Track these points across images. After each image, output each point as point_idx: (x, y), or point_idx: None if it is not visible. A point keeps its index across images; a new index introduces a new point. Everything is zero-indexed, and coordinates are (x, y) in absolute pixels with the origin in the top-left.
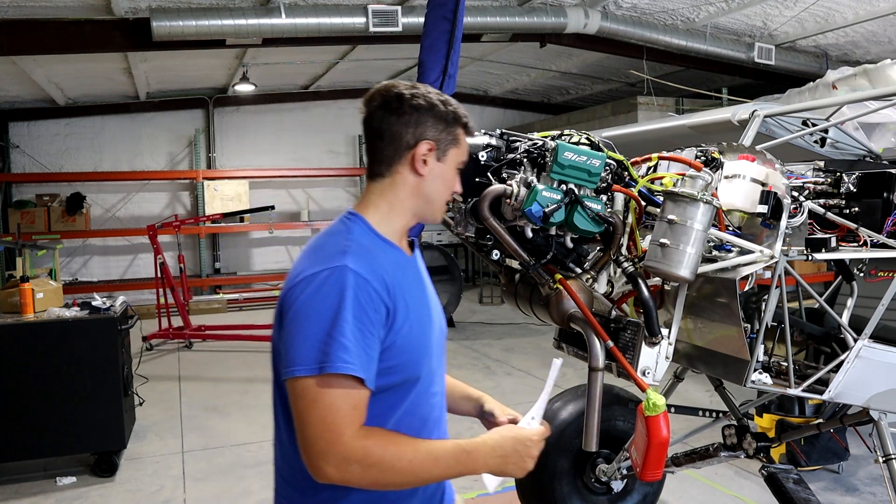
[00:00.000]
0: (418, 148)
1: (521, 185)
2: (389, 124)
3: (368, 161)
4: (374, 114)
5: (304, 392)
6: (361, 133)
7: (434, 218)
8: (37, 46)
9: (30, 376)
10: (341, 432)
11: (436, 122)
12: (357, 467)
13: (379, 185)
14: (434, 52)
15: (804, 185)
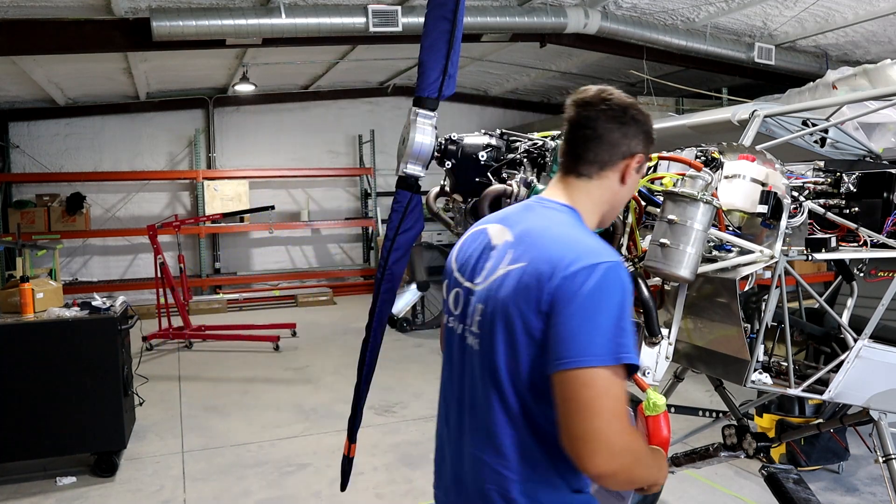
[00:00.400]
0: (633, 159)
1: (521, 184)
2: (610, 131)
3: (574, 158)
4: (594, 117)
5: (594, 381)
6: (361, 133)
7: (608, 223)
8: (37, 46)
9: (30, 376)
10: (624, 423)
11: (645, 137)
12: (628, 459)
13: (584, 184)
14: (434, 52)
15: (804, 185)
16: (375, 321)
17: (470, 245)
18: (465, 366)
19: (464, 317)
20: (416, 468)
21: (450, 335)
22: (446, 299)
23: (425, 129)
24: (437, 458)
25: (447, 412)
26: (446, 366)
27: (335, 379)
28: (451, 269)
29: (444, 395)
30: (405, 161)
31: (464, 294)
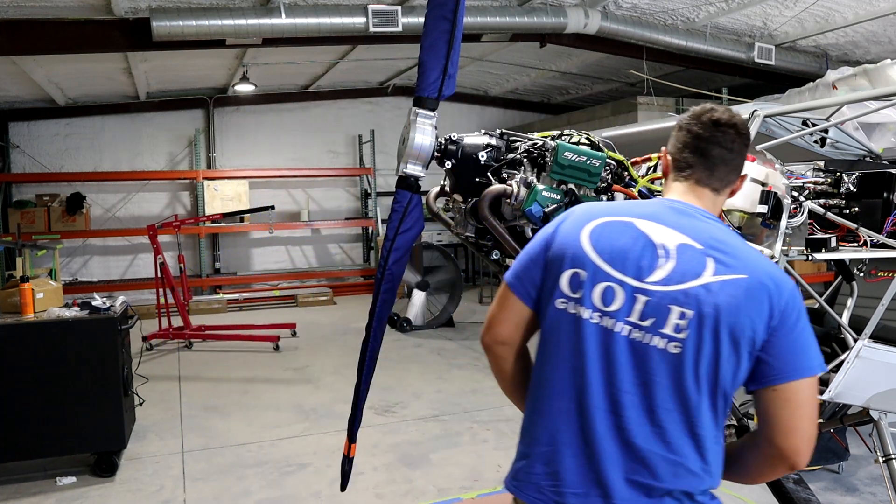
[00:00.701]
0: (741, 180)
1: (521, 185)
2: (741, 155)
3: (709, 173)
4: (731, 139)
5: (811, 389)
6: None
7: None
8: (37, 46)
9: (30, 376)
10: None
11: None
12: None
13: (714, 197)
14: (434, 52)
15: (804, 185)
16: (375, 321)
17: (618, 237)
18: (639, 368)
19: (626, 314)
20: (416, 468)
21: (587, 328)
22: (572, 288)
23: (425, 129)
24: (551, 459)
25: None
26: (573, 360)
27: (335, 379)
28: (585, 259)
29: (575, 392)
30: (405, 161)
31: (627, 291)
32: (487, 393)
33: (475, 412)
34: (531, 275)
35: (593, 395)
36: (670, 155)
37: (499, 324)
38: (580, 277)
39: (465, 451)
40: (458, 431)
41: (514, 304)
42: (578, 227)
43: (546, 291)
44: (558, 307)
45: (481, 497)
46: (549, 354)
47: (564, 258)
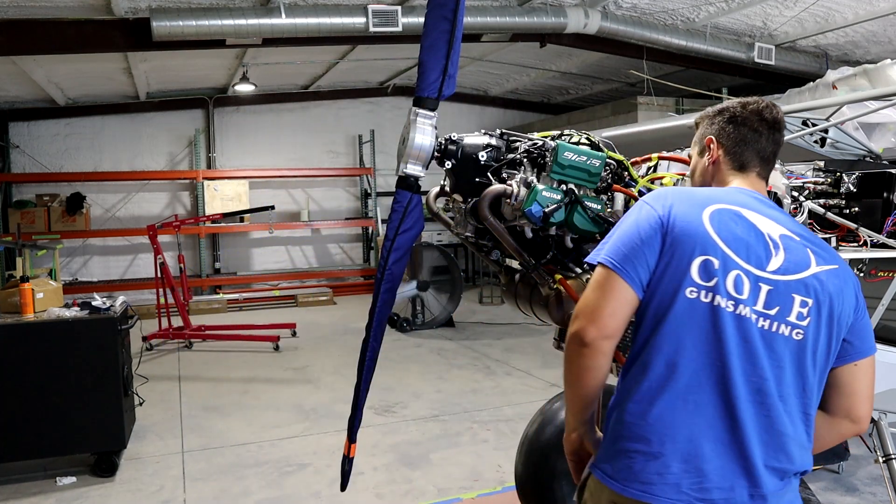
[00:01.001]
0: None
1: (521, 185)
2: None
3: (765, 167)
4: (782, 136)
5: (874, 363)
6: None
7: None
8: (37, 46)
9: (30, 376)
10: None
11: None
12: None
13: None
14: (434, 52)
15: (804, 185)
16: (375, 321)
17: (734, 226)
18: (769, 355)
19: (753, 302)
20: (416, 468)
21: (718, 316)
22: (704, 276)
23: (425, 129)
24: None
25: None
26: (705, 349)
27: (335, 379)
28: (715, 244)
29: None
30: (405, 161)
31: (752, 280)
32: (487, 393)
33: (475, 412)
34: (644, 259)
35: (737, 386)
36: (725, 147)
37: (608, 315)
38: (713, 265)
39: (465, 451)
40: (458, 431)
41: (622, 292)
42: (697, 212)
43: (667, 278)
44: (688, 296)
45: (481, 497)
46: (676, 346)
47: (693, 244)
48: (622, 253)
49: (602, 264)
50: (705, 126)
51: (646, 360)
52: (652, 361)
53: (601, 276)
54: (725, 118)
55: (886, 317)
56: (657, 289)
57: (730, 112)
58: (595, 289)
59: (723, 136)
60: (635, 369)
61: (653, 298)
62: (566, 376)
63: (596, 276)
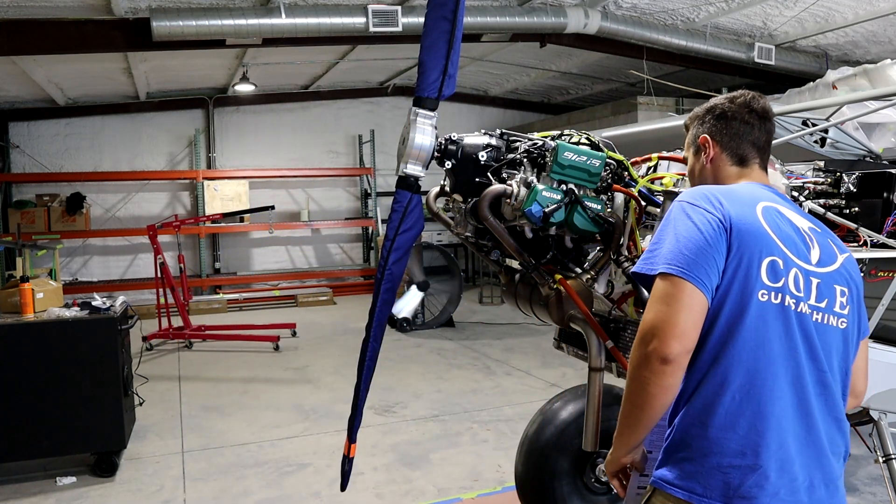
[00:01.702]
0: None
1: (521, 185)
2: None
3: (763, 158)
4: (773, 125)
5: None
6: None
7: None
8: (37, 46)
9: (30, 376)
10: None
11: None
12: None
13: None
14: (434, 52)
15: (804, 185)
16: (375, 321)
17: (781, 223)
18: (825, 348)
19: (807, 298)
20: (415, 468)
21: (790, 316)
22: (772, 277)
23: (425, 129)
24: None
25: (803, 401)
26: (790, 354)
27: (335, 379)
28: (774, 247)
29: (793, 388)
30: (405, 161)
31: (804, 275)
32: (487, 393)
33: (475, 412)
34: (714, 263)
35: (808, 383)
36: (721, 144)
37: (691, 327)
38: (779, 265)
39: (465, 451)
40: (458, 431)
41: (697, 301)
42: (752, 211)
43: (738, 282)
44: (761, 299)
45: (481, 497)
46: (757, 353)
47: (759, 244)
48: (686, 258)
49: (668, 273)
50: (697, 126)
51: (724, 371)
52: (732, 372)
53: (669, 287)
54: (716, 115)
55: (886, 317)
56: (728, 294)
57: (719, 109)
58: (664, 301)
59: (716, 133)
60: (712, 381)
61: (724, 304)
62: (636, 399)
63: (662, 288)
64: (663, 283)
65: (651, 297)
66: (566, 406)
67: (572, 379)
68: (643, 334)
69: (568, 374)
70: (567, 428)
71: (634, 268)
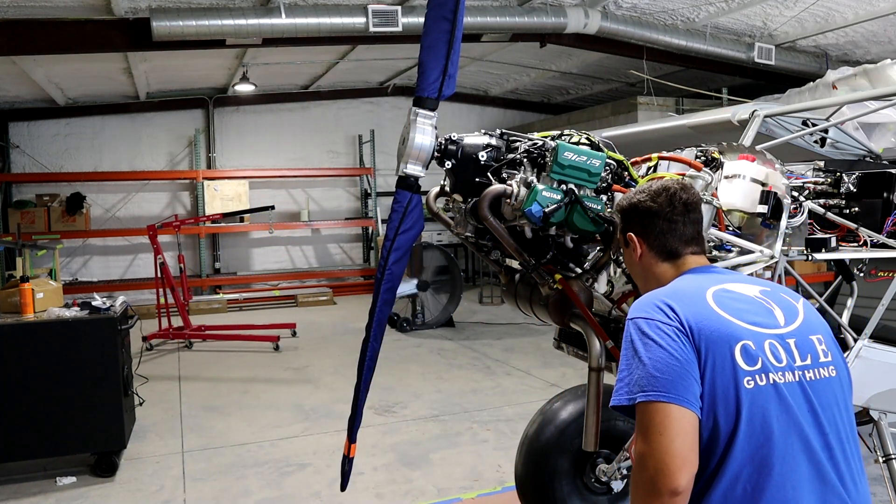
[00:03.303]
0: None
1: (521, 185)
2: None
3: (698, 244)
4: (698, 211)
5: None
6: (361, 133)
7: None
8: (37, 46)
9: (30, 376)
10: None
11: None
12: None
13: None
14: (434, 52)
15: (804, 185)
16: (375, 321)
17: (732, 302)
18: (823, 402)
19: (792, 362)
20: (415, 468)
21: (775, 393)
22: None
23: (425, 129)
24: None
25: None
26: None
27: (335, 379)
28: (738, 327)
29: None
30: (405, 161)
31: (780, 342)
32: (487, 393)
33: (475, 412)
34: (689, 375)
35: (817, 450)
36: (647, 242)
37: (689, 452)
38: (750, 348)
39: (465, 451)
40: (458, 431)
41: (688, 421)
42: (705, 304)
43: (720, 382)
44: (747, 387)
45: (481, 497)
46: (760, 441)
47: (725, 335)
48: (663, 381)
49: (650, 401)
50: (623, 220)
51: (735, 470)
52: (742, 469)
53: (654, 415)
54: (640, 213)
55: (886, 317)
56: (714, 397)
57: (642, 206)
58: (655, 431)
59: (641, 232)
60: (723, 484)
61: (715, 409)
62: None
63: (648, 417)
64: (648, 413)
65: (639, 429)
66: (566, 406)
67: (572, 379)
68: (645, 469)
69: (568, 374)
70: (567, 428)
71: (612, 402)
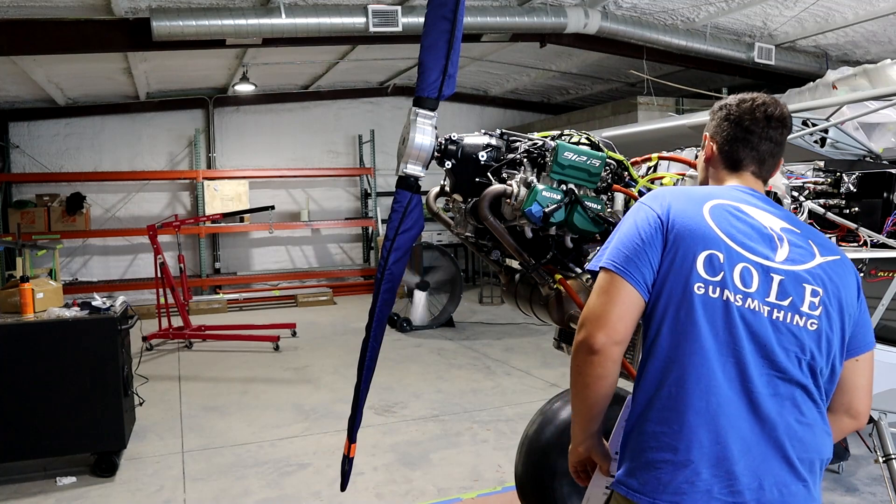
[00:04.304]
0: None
1: (521, 185)
2: (784, 144)
3: (761, 166)
4: (782, 133)
5: (873, 357)
6: (361, 133)
7: None
8: (37, 46)
9: (30, 376)
10: None
11: None
12: None
13: (763, 185)
14: (434, 52)
15: (804, 185)
16: (375, 321)
17: (734, 220)
18: (783, 343)
19: (766, 295)
20: (415, 468)
21: (730, 309)
22: (710, 271)
23: (425, 129)
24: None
25: (744, 402)
26: (730, 348)
27: (335, 379)
28: (718, 238)
29: (734, 383)
30: (405, 161)
31: (760, 271)
32: (487, 393)
33: (475, 412)
34: (647, 259)
35: (756, 381)
36: (718, 145)
37: (616, 319)
38: (718, 259)
39: (465, 451)
40: (458, 431)
41: (628, 295)
42: (697, 209)
43: (672, 277)
44: (696, 292)
45: (481, 497)
46: (692, 347)
47: (696, 239)
48: (623, 255)
49: (605, 269)
50: (709, 121)
51: (662, 367)
52: (668, 366)
53: (605, 281)
54: (723, 115)
55: (886, 317)
56: (663, 288)
57: (726, 109)
58: (600, 294)
59: (717, 133)
60: (650, 377)
61: (659, 299)
62: (574, 387)
63: (599, 282)
64: (602, 278)
65: (593, 290)
66: (566, 406)
67: None
68: (579, 324)
69: (568, 374)
70: (567, 428)
71: (587, 265)
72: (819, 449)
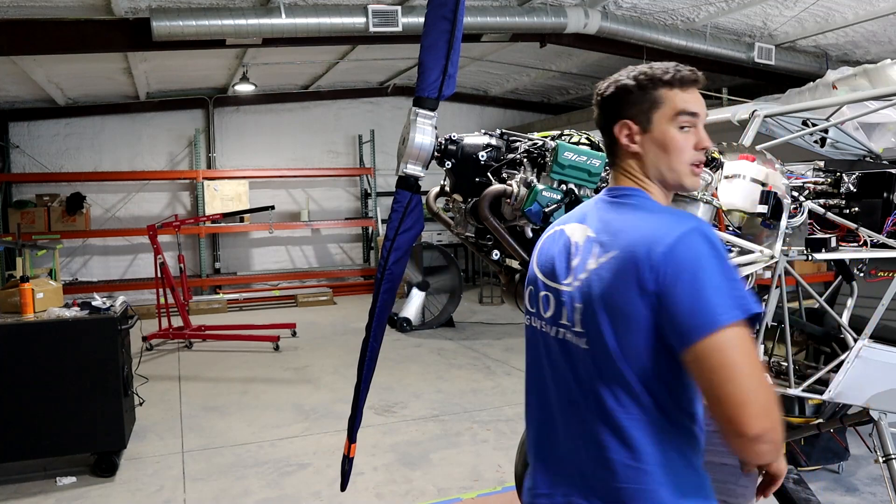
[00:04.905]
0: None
1: (521, 185)
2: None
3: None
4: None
5: (732, 341)
6: (361, 133)
7: (675, 186)
8: (37, 46)
9: (30, 376)
10: (764, 375)
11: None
12: (776, 412)
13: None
14: (434, 51)
15: (804, 185)
16: (375, 321)
17: (551, 247)
18: (570, 367)
19: (557, 318)
20: (415, 468)
21: (541, 339)
22: (531, 304)
23: (425, 129)
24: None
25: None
26: (538, 371)
27: (335, 379)
28: (533, 275)
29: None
30: (405, 161)
31: (554, 296)
32: (487, 393)
33: (475, 412)
34: None
35: (552, 401)
36: None
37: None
38: (532, 291)
39: (465, 451)
40: (458, 431)
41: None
42: (536, 247)
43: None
44: (526, 324)
45: (481, 497)
46: (528, 374)
47: (527, 279)
48: None
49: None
50: None
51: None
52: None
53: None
54: None
55: (886, 317)
56: None
57: None
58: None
59: None
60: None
61: None
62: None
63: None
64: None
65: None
66: None
67: None
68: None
69: None
70: None
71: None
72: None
